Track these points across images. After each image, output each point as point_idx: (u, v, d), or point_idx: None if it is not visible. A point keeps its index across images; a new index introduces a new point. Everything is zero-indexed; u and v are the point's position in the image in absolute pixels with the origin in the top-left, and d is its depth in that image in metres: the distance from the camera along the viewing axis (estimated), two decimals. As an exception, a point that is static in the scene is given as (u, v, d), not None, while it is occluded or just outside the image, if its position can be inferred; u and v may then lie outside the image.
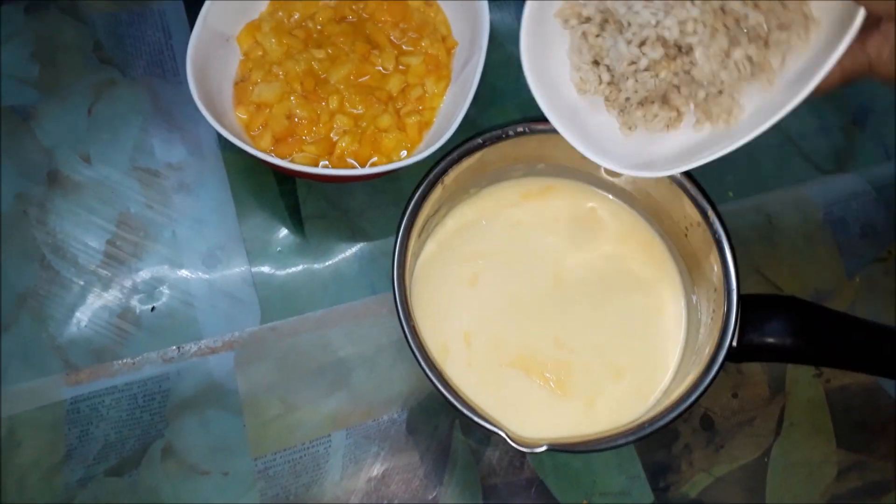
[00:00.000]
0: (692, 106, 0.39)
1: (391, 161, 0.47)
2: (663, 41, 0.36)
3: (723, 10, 0.35)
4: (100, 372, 0.44)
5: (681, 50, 0.36)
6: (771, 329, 0.40)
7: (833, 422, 0.47)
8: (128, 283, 0.47)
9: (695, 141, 0.39)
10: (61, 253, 0.47)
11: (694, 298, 0.44)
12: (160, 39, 0.52)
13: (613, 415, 0.41)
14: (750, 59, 0.36)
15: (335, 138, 0.47)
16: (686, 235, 0.43)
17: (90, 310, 0.46)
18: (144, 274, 0.47)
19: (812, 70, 0.34)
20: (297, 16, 0.49)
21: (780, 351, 0.40)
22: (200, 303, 0.46)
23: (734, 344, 0.39)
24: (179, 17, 0.52)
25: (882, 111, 0.53)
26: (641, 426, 0.38)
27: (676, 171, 0.37)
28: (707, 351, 0.40)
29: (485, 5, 0.47)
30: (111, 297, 0.46)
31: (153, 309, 0.46)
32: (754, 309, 0.40)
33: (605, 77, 0.39)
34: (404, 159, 0.45)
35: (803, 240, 0.51)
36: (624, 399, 0.42)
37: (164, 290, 0.47)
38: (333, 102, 0.47)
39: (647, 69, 0.37)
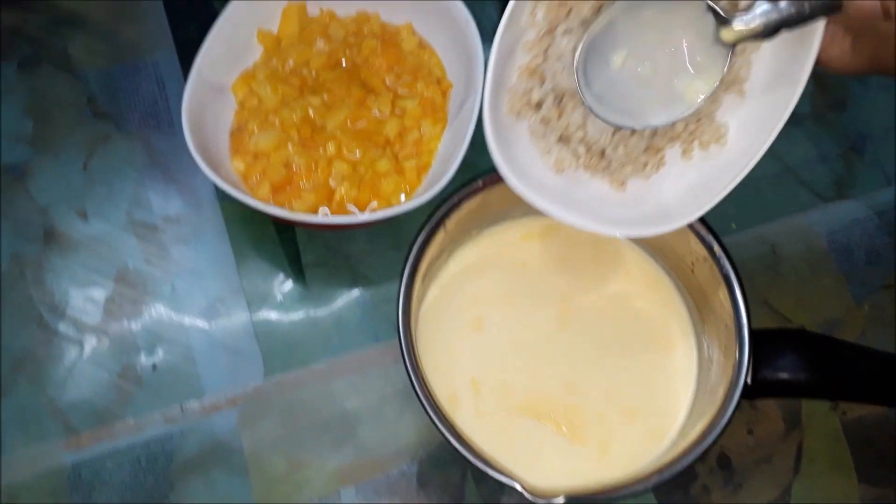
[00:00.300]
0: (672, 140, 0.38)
1: (391, 205, 0.46)
2: None
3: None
4: (101, 435, 0.43)
5: None
6: (784, 364, 0.39)
7: (852, 456, 0.46)
8: (128, 341, 0.46)
9: (697, 172, 0.38)
10: (59, 312, 0.46)
11: (704, 336, 0.43)
12: (154, 92, 0.52)
13: (629, 459, 0.40)
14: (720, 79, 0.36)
15: (334, 184, 0.47)
16: (692, 271, 0.43)
17: (90, 370, 0.45)
18: (144, 331, 0.46)
19: (781, 69, 0.35)
20: (291, 63, 0.49)
21: (795, 386, 0.40)
22: (202, 358, 0.46)
23: (748, 381, 0.38)
24: (173, 68, 0.52)
25: (879, 137, 0.53)
26: (660, 470, 0.37)
27: (701, 212, 0.36)
28: (721, 389, 0.39)
29: (478, 46, 0.47)
30: (111, 356, 0.45)
31: (154, 367, 0.45)
32: (766, 344, 0.39)
33: (582, 151, 0.38)
34: (404, 203, 0.44)
35: (809, 269, 0.50)
36: (639, 442, 0.41)
37: (165, 346, 0.46)
38: (331, 149, 0.47)
39: (632, 133, 0.36)
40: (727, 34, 0.32)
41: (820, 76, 0.38)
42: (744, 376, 0.38)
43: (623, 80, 0.35)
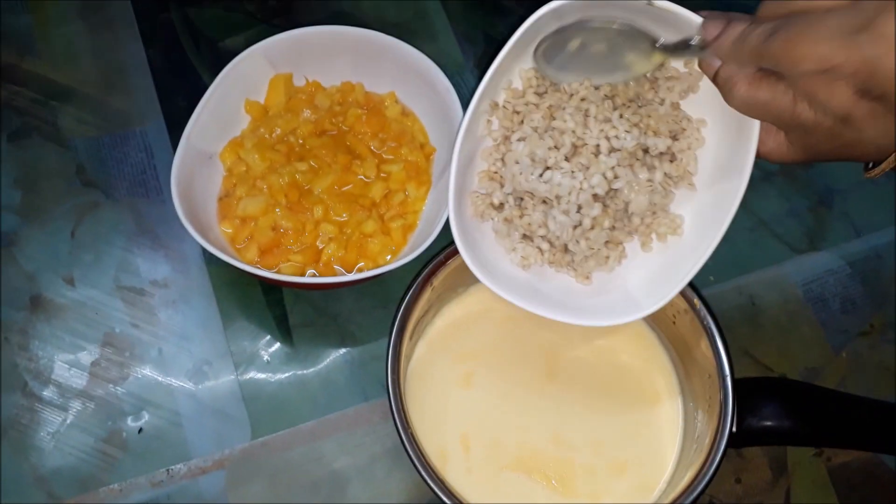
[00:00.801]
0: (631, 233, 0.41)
1: (377, 265, 0.47)
2: (595, 197, 0.38)
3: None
4: (85, 502, 0.42)
5: (609, 194, 0.38)
6: (768, 413, 0.40)
7: (839, 501, 0.46)
8: (114, 406, 0.45)
9: (658, 262, 0.41)
10: (44, 379, 0.45)
11: (688, 387, 0.44)
12: (143, 160, 0.53)
13: (620, 512, 0.40)
14: (669, 175, 0.38)
15: (321, 246, 0.48)
16: (674, 323, 0.44)
17: (74, 436, 0.44)
18: (131, 395, 0.46)
19: (726, 162, 0.38)
20: (278, 131, 0.51)
21: (780, 434, 0.40)
22: (189, 421, 0.45)
23: (734, 430, 0.39)
24: (162, 137, 0.53)
25: (846, 191, 0.55)
26: (651, 522, 0.37)
27: (667, 299, 0.38)
28: (707, 439, 0.39)
29: (459, 112, 0.49)
30: (96, 421, 0.45)
31: (140, 431, 0.45)
32: (749, 393, 0.40)
33: (545, 247, 0.40)
34: (390, 263, 0.45)
35: (787, 319, 0.51)
36: (628, 494, 0.41)
37: (151, 410, 0.45)
38: (318, 212, 0.48)
39: (592, 227, 0.38)
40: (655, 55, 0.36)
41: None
42: (729, 425, 0.39)
43: (578, 56, 0.38)
